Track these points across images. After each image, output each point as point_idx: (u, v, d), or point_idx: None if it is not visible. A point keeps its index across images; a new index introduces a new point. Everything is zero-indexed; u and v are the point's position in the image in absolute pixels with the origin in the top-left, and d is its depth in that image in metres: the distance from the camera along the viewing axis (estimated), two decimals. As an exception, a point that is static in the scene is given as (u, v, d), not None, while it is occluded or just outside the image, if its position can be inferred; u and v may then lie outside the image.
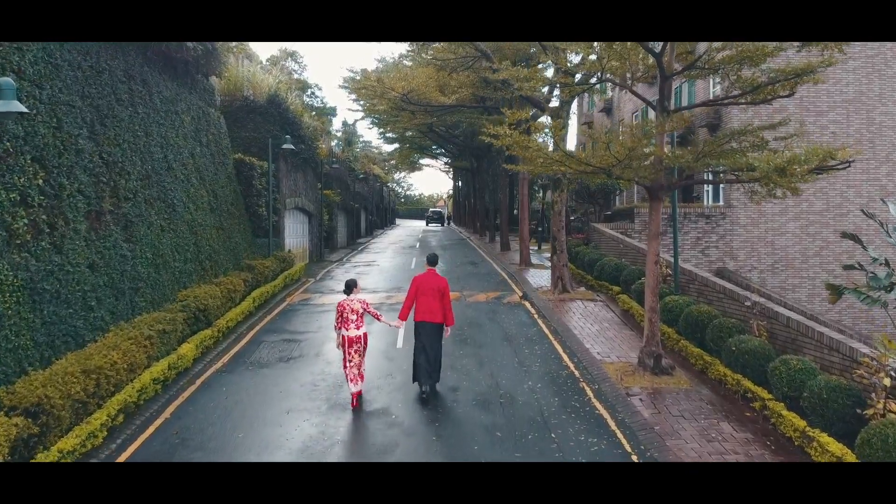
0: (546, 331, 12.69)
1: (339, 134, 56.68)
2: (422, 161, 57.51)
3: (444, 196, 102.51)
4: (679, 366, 10.35)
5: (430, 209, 75.10)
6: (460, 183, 62.60)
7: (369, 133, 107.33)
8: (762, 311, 10.01)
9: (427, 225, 64.96)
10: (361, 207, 44.18)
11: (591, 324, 13.09)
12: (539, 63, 19.00)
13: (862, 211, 13.45)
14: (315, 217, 25.92)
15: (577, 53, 12.95)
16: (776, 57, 9.28)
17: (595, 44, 10.64)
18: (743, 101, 9.78)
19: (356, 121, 51.56)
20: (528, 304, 15.18)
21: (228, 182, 16.36)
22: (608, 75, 10.70)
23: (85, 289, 8.71)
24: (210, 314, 11.41)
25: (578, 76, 14.50)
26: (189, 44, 13.09)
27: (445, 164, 56.19)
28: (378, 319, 8.89)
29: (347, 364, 8.59)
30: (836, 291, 12.70)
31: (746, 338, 9.32)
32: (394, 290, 17.40)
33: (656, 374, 9.75)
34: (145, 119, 11.73)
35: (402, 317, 9.21)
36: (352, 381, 8.60)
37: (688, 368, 10.30)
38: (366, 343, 8.75)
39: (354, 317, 8.60)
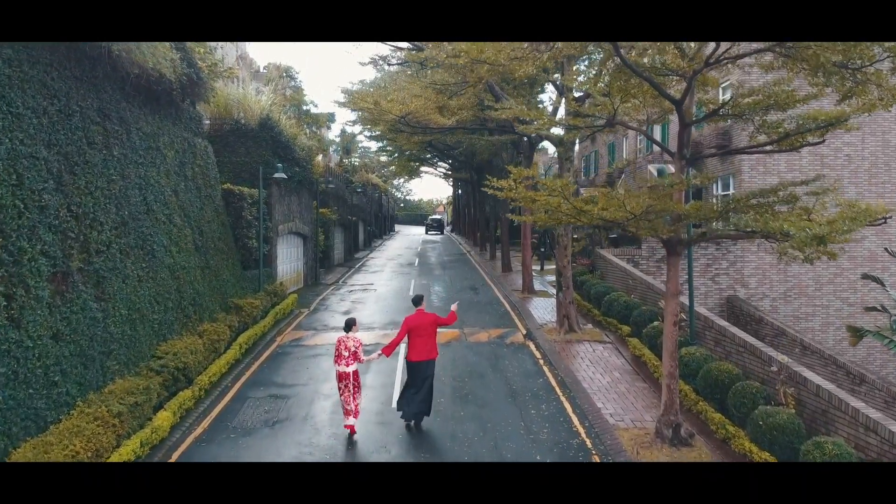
0: (553, 382, 11.87)
1: (337, 139, 55.80)
2: (421, 169, 56.66)
3: (444, 201, 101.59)
4: (698, 431, 9.55)
5: (430, 217, 75.58)
6: (460, 192, 61.82)
7: (369, 139, 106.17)
8: (790, 377, 9.21)
9: (427, 233, 64.63)
10: (359, 220, 43.36)
11: (602, 374, 12.28)
12: (543, 85, 18.20)
13: (886, 250, 12.67)
14: (310, 238, 25.09)
15: (584, 90, 12.17)
16: (806, 103, 8.52)
17: (602, 83, 9.87)
18: (769, 147, 9.02)
19: (354, 135, 50.71)
20: (532, 346, 14.36)
21: (216, 216, 15.49)
22: (620, 117, 9.91)
23: (48, 363, 7.88)
24: (191, 372, 10.60)
25: (587, 100, 13.71)
26: (171, 77, 12.27)
27: (445, 173, 55.37)
28: (360, 362, 9.33)
29: (341, 396, 9.27)
30: (858, 334, 11.91)
31: (774, 410, 8.52)
32: (390, 326, 16.56)
33: (675, 446, 8.95)
34: (122, 160, 10.88)
35: (386, 352, 9.51)
36: (346, 414, 9.22)
37: (708, 435, 9.50)
38: (356, 379, 9.28)
39: (347, 353, 9.18)
